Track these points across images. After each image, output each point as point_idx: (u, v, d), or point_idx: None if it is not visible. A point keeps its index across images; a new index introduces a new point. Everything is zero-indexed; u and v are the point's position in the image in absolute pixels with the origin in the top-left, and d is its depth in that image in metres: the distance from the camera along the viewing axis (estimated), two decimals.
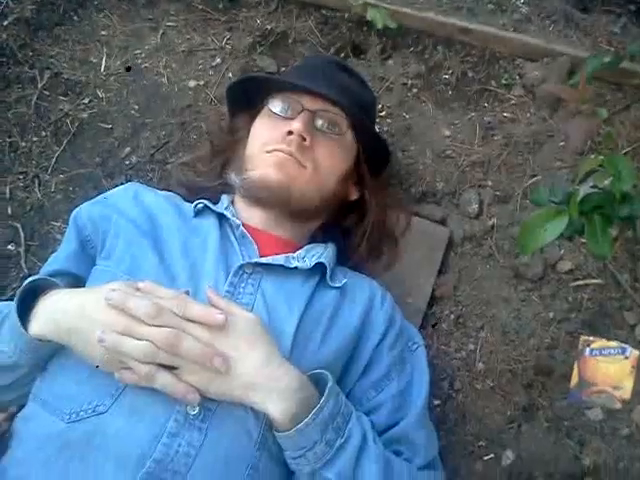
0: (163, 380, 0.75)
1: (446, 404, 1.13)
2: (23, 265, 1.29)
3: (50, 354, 0.84)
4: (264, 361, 0.78)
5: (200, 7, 1.57)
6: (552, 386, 1.13)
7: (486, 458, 1.10)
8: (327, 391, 0.79)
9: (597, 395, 1.11)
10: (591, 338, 1.13)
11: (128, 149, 1.39)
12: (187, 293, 0.82)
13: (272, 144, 1.02)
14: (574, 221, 0.81)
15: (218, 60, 1.50)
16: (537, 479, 1.08)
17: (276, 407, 0.76)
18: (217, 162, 1.17)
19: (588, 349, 1.13)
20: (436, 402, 1.12)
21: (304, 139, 1.01)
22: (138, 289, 0.80)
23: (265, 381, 0.77)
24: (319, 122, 1.05)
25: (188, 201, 1.07)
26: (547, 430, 1.10)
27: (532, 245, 0.82)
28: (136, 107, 1.44)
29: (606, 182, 0.86)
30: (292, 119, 1.02)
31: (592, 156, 1.14)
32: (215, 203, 1.06)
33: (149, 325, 0.74)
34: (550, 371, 1.13)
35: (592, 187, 0.87)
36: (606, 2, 1.49)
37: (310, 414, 0.76)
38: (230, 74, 1.47)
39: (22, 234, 1.32)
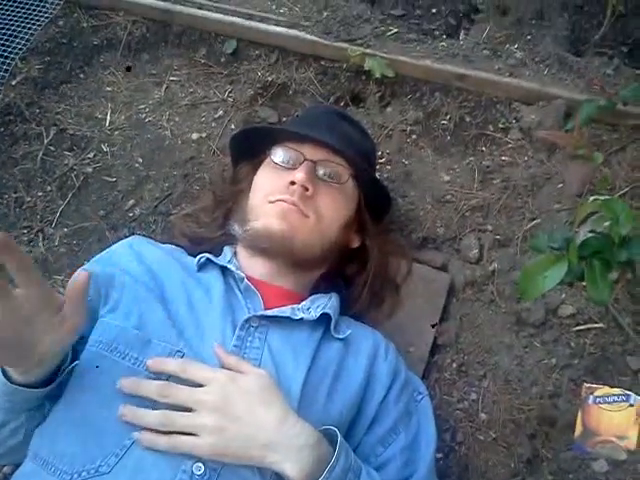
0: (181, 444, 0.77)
1: (448, 457, 1.12)
2: None
3: (27, 401, 0.84)
4: (281, 419, 0.79)
5: (202, 61, 1.61)
6: (556, 436, 1.11)
7: None
8: (338, 447, 0.79)
9: (602, 445, 1.08)
10: (594, 385, 1.11)
11: (132, 201, 1.42)
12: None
13: (275, 194, 1.03)
14: (574, 267, 0.81)
15: (220, 112, 1.54)
16: None
17: (294, 466, 0.76)
18: (219, 213, 1.18)
19: (591, 397, 1.11)
20: (438, 455, 1.10)
21: (306, 189, 1.02)
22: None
23: (284, 440, 0.77)
24: (321, 172, 1.06)
25: (191, 254, 1.08)
26: None
27: (533, 292, 0.82)
28: (140, 160, 1.47)
29: (605, 225, 0.86)
30: (294, 169, 1.04)
31: (590, 199, 1.14)
32: (217, 255, 1.07)
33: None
34: (554, 421, 1.12)
35: (591, 232, 0.87)
36: (598, 45, 1.51)
37: (324, 472, 0.76)
38: (232, 125, 1.51)
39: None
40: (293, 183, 1.02)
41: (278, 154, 1.08)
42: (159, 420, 0.78)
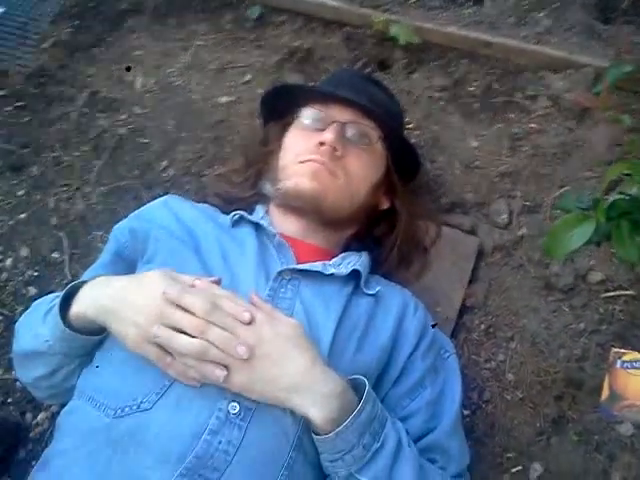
0: (212, 374, 0.78)
1: (475, 414, 1.13)
2: (67, 272, 1.35)
3: (83, 347, 0.89)
4: (309, 365, 0.80)
5: (228, 27, 1.62)
6: (582, 399, 1.12)
7: (514, 470, 1.09)
8: (365, 396, 0.81)
9: (628, 409, 1.10)
10: (622, 350, 1.12)
11: (165, 162, 1.44)
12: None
13: (305, 155, 1.05)
14: (601, 227, 0.81)
15: (248, 77, 1.54)
16: None
17: (318, 411, 0.78)
18: (251, 173, 1.20)
19: (619, 361, 1.12)
20: (465, 412, 1.12)
21: (336, 149, 1.03)
22: (193, 285, 0.83)
23: (310, 385, 0.79)
24: (349, 133, 1.07)
25: (224, 212, 1.10)
26: (576, 444, 1.09)
27: (560, 251, 0.82)
28: (171, 123, 1.49)
29: (634, 189, 0.87)
30: (323, 130, 1.05)
31: (619, 164, 1.14)
32: (250, 214, 1.09)
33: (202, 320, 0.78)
34: (580, 383, 1.13)
35: (619, 194, 0.88)
36: (627, 13, 1.49)
37: (349, 418, 0.78)
38: (260, 90, 1.51)
39: (66, 243, 1.38)
40: (322, 144, 1.03)
41: (307, 115, 1.10)
42: (195, 347, 0.77)
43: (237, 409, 0.80)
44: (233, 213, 1.06)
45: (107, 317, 0.83)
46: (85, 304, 0.86)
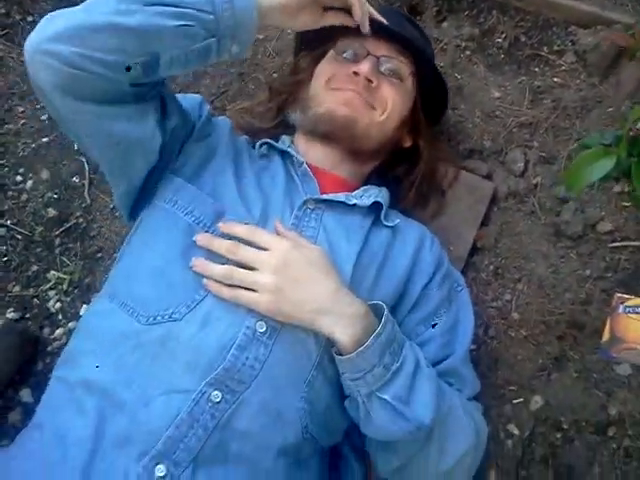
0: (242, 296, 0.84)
1: (480, 349, 1.18)
2: (86, 196, 1.39)
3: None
4: (334, 288, 0.85)
5: None
6: (584, 340, 1.17)
7: (515, 402, 1.15)
8: (384, 318, 0.85)
9: (627, 352, 1.14)
10: (626, 296, 1.15)
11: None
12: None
13: (338, 83, 1.06)
14: (622, 161, 0.84)
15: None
16: (563, 424, 1.13)
17: (343, 331, 0.82)
18: (275, 104, 1.21)
19: (622, 306, 1.15)
20: (471, 346, 1.16)
21: (370, 81, 1.04)
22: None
23: (335, 306, 0.84)
24: (383, 67, 1.08)
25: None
26: (576, 380, 1.14)
27: (579, 183, 0.86)
28: None
29: None
30: (358, 62, 1.06)
31: None
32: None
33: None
34: (583, 325, 1.17)
35: None
36: None
37: (370, 338, 0.82)
38: (289, 30, 1.52)
39: (87, 168, 1.42)
40: (356, 74, 1.04)
41: (342, 47, 1.11)
42: (225, 272, 0.85)
43: (264, 328, 0.84)
44: (260, 141, 1.08)
45: None
46: None
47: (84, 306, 1.32)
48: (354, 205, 1.01)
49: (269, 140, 1.08)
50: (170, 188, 0.96)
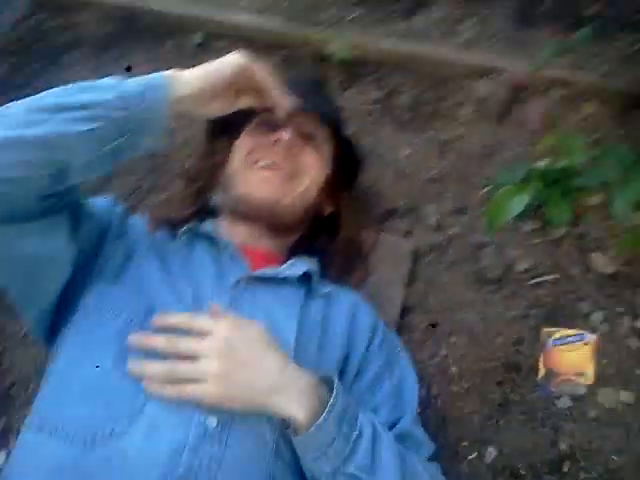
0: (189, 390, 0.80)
1: (426, 411, 1.18)
2: None
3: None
4: (281, 365, 0.82)
5: (170, 55, 1.65)
6: (522, 381, 1.19)
7: (470, 457, 1.15)
8: (335, 387, 0.83)
9: (564, 384, 1.18)
10: (552, 329, 1.21)
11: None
12: None
13: (258, 154, 1.06)
14: (537, 193, 0.90)
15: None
16: (520, 470, 1.12)
17: (299, 407, 0.80)
18: (193, 191, 1.19)
19: (550, 340, 1.20)
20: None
21: (291, 147, 1.05)
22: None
23: (286, 383, 0.81)
24: (301, 134, 1.09)
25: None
26: (523, 422, 1.16)
27: (501, 220, 0.91)
28: None
29: (562, 160, 0.96)
30: (276, 131, 1.06)
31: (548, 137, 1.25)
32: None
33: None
34: (518, 366, 1.20)
35: (550, 163, 0.97)
36: (543, 20, 1.60)
37: (326, 409, 0.79)
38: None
39: None
40: (277, 142, 1.05)
41: (260, 118, 1.10)
42: (167, 368, 0.80)
43: (215, 423, 0.80)
44: (184, 228, 1.06)
45: None
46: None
47: (1, 453, 1.22)
48: (285, 278, 1.01)
49: (191, 226, 1.07)
50: (92, 295, 0.92)
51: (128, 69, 1.57)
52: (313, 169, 1.10)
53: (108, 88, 0.80)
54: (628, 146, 0.96)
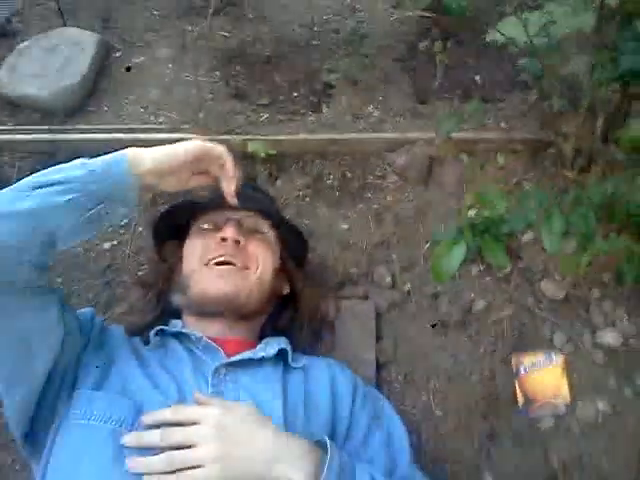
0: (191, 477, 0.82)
1: (419, 456, 1.20)
2: None
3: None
4: (276, 436, 0.86)
5: None
6: (504, 410, 1.25)
7: None
8: (329, 447, 0.87)
9: (543, 407, 1.23)
10: (521, 355, 1.27)
11: None
12: None
13: (209, 253, 1.12)
14: (471, 246, 0.98)
15: (125, 220, 1.62)
16: None
17: (299, 472, 0.83)
18: (152, 296, 1.24)
19: (522, 367, 1.27)
20: None
21: (238, 242, 1.12)
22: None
23: (283, 451, 0.84)
24: (245, 226, 1.17)
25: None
26: (513, 447, 1.21)
27: (446, 273, 0.98)
28: (59, 280, 1.51)
29: (485, 212, 1.06)
30: (221, 229, 1.14)
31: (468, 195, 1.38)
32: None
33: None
34: (498, 397, 1.26)
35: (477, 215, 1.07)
36: (439, 93, 1.80)
37: (325, 468, 0.83)
38: (140, 228, 1.59)
39: None
40: (224, 239, 1.12)
41: (203, 222, 1.19)
42: (165, 459, 0.82)
43: None
44: (154, 330, 1.09)
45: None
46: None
47: None
48: (262, 358, 1.04)
49: (161, 327, 1.10)
50: (79, 403, 0.93)
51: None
52: (262, 257, 1.16)
53: (78, 166, 0.90)
54: (542, 190, 1.09)
